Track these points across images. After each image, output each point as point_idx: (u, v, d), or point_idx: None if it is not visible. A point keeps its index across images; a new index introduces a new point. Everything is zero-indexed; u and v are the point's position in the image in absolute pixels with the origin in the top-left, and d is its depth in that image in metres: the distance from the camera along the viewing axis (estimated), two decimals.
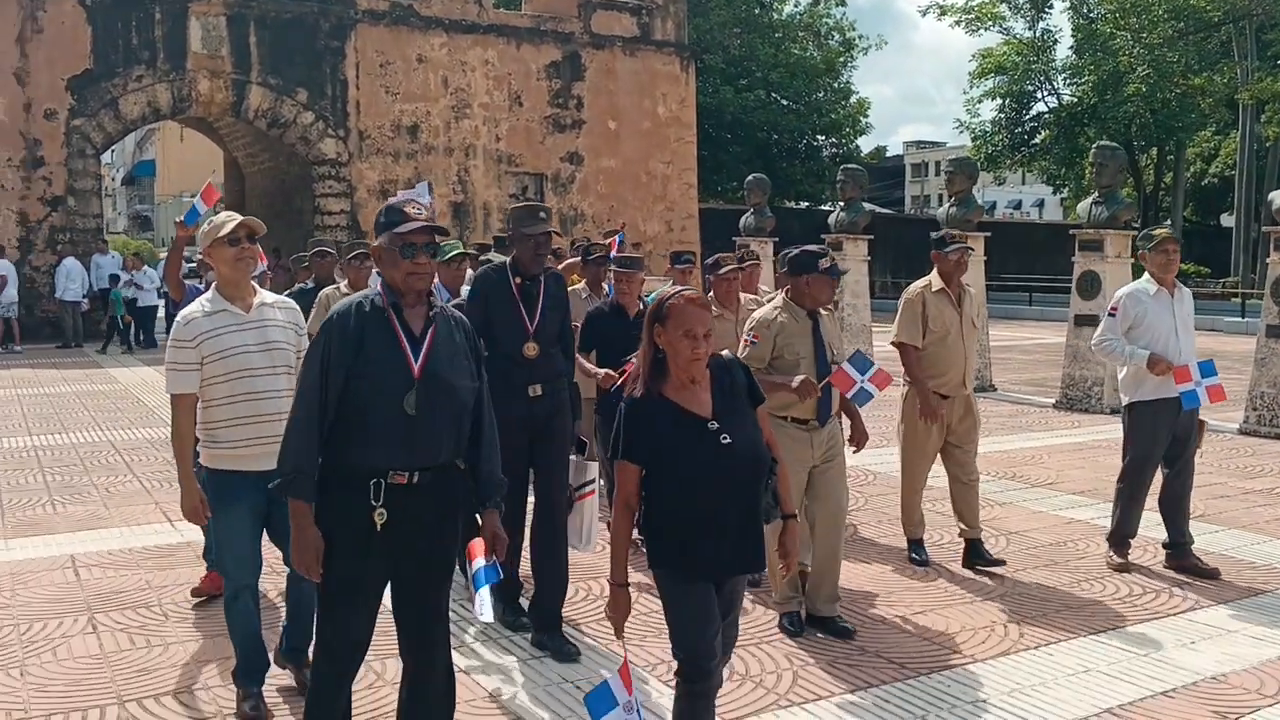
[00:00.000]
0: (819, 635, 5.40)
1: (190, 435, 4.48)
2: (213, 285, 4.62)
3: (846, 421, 5.75)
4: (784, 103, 41.95)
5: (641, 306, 6.69)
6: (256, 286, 4.65)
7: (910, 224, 43.49)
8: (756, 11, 42.80)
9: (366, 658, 3.87)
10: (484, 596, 3.56)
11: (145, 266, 22.25)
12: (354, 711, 3.96)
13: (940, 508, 7.28)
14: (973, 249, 6.70)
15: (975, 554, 6.57)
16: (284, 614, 5.03)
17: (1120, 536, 6.64)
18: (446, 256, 6.30)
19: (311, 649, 4.33)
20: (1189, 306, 6.67)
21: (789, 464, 5.30)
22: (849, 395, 5.52)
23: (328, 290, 7.62)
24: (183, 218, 6.22)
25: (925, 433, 6.58)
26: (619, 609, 3.57)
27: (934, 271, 6.71)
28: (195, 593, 6.04)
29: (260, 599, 4.77)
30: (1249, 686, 4.74)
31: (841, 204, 17.58)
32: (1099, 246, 13.31)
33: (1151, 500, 6.70)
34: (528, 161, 27.23)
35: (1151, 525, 6.71)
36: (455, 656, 4.08)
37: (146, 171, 72.43)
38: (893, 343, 6.68)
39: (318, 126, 24.82)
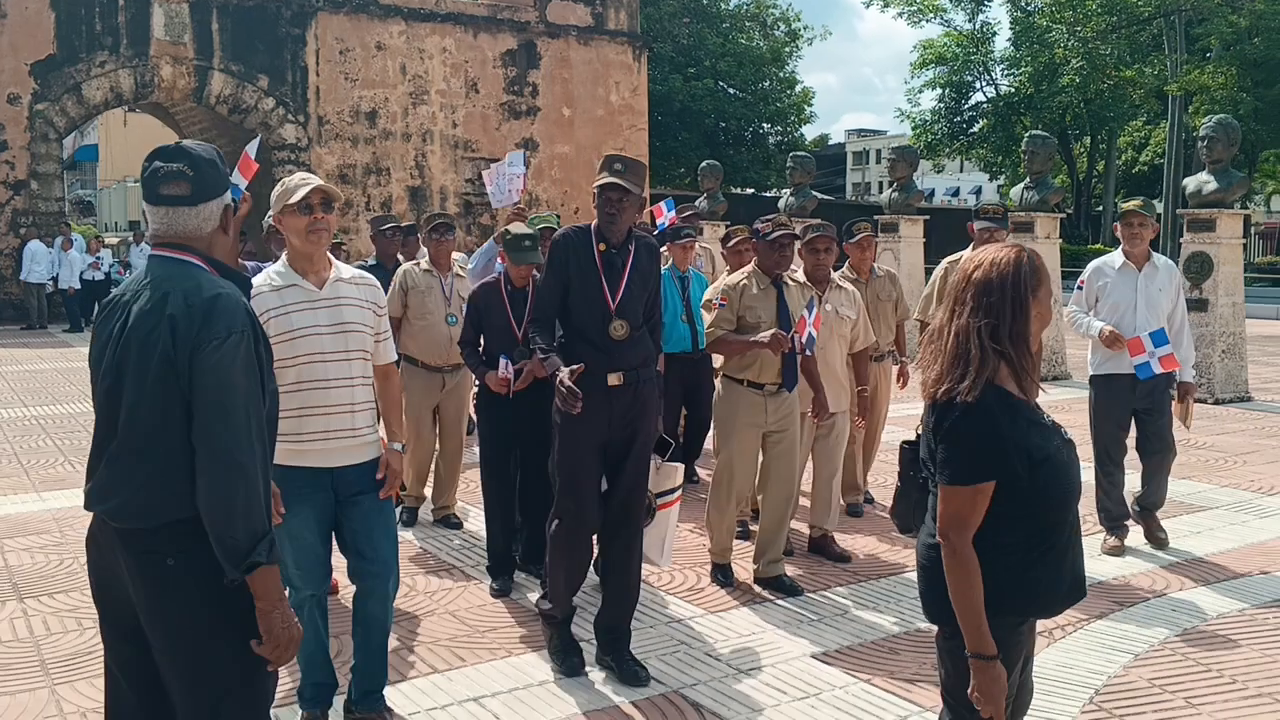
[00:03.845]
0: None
1: None
2: (283, 256, 4.03)
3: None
4: (731, 91, 42.98)
5: None
6: (333, 260, 4.04)
7: (851, 209, 44.67)
8: (705, 2, 43.72)
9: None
10: None
11: (72, 249, 22.65)
12: None
13: (887, 458, 8.18)
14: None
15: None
16: (345, 645, 4.37)
17: (1108, 520, 6.50)
18: (539, 227, 5.80)
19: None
20: (1162, 280, 6.38)
21: (741, 428, 5.66)
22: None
23: (407, 267, 7.00)
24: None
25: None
26: (1000, 686, 2.65)
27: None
28: None
29: (329, 609, 4.19)
30: (1143, 586, 5.69)
31: (790, 190, 18.54)
32: (1030, 228, 14.35)
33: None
34: (483, 147, 27.86)
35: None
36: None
37: (89, 156, 71.57)
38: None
39: (278, 112, 25.30)
